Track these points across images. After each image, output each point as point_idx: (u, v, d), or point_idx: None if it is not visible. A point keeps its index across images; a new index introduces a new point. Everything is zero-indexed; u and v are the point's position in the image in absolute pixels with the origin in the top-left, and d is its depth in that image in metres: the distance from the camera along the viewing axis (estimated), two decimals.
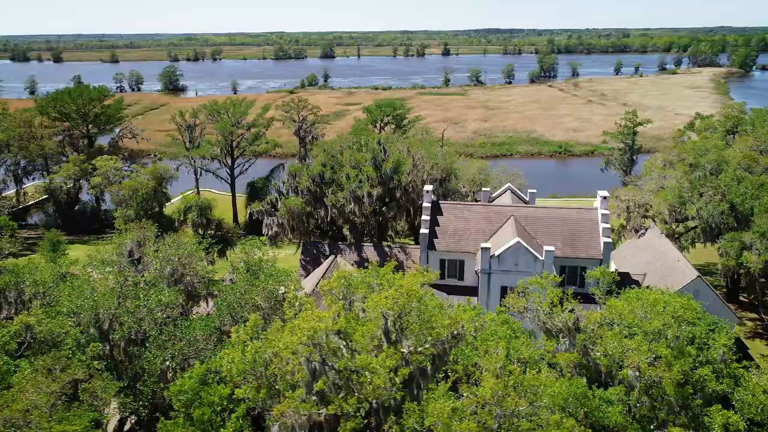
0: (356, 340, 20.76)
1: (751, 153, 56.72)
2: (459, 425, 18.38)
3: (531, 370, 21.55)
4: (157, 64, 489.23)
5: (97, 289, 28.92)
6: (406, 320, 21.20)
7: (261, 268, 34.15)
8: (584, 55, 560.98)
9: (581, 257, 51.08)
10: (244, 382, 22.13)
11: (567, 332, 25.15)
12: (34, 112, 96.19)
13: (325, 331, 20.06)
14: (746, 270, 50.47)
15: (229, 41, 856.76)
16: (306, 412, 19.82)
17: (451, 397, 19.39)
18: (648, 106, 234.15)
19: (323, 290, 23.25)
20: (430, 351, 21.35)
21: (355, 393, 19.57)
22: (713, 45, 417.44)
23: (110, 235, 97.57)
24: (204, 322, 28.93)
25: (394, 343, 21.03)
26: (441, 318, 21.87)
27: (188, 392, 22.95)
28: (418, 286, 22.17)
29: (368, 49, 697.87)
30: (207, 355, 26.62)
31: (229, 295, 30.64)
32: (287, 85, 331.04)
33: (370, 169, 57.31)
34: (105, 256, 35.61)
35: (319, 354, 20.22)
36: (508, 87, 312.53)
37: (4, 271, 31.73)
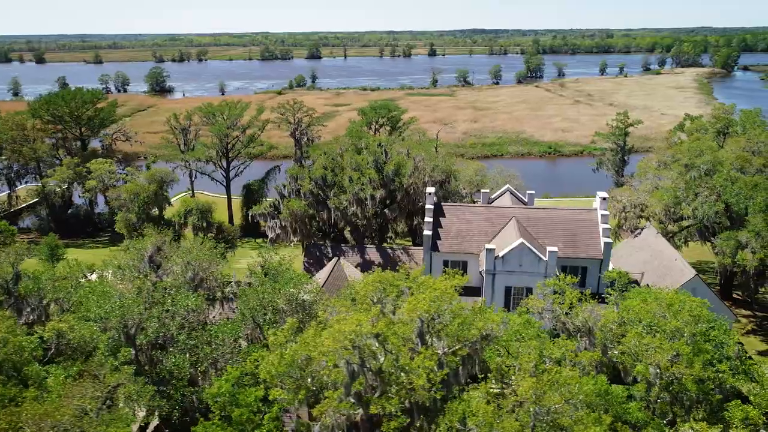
0: (392, 342, 21.30)
1: (743, 154, 58.12)
2: (501, 423, 19.02)
3: (563, 369, 22.29)
4: (142, 65, 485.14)
5: (125, 295, 29.10)
6: (439, 322, 21.81)
7: (280, 272, 34.50)
8: (569, 55, 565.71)
9: (582, 257, 52.07)
10: (281, 385, 22.56)
11: (586, 332, 25.93)
12: (26, 115, 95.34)
13: (366, 334, 20.58)
14: (742, 268, 51.73)
15: (214, 42, 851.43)
16: (345, 412, 20.33)
17: (491, 396, 20.07)
18: (634, 106, 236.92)
19: (359, 294, 23.76)
20: (465, 352, 22.00)
21: (391, 394, 20.08)
22: (696, 45, 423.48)
23: (105, 238, 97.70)
24: (230, 326, 29.25)
25: (428, 345, 21.64)
26: (474, 320, 22.52)
27: (225, 394, 23.33)
28: (453, 288, 22.82)
29: (354, 49, 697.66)
30: (234, 359, 26.94)
31: (251, 299, 30.96)
32: (275, 86, 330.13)
33: (373, 172, 57.83)
34: (123, 261, 35.72)
35: (358, 356, 20.75)
36: (495, 87, 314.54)
37: (23, 276, 31.73)
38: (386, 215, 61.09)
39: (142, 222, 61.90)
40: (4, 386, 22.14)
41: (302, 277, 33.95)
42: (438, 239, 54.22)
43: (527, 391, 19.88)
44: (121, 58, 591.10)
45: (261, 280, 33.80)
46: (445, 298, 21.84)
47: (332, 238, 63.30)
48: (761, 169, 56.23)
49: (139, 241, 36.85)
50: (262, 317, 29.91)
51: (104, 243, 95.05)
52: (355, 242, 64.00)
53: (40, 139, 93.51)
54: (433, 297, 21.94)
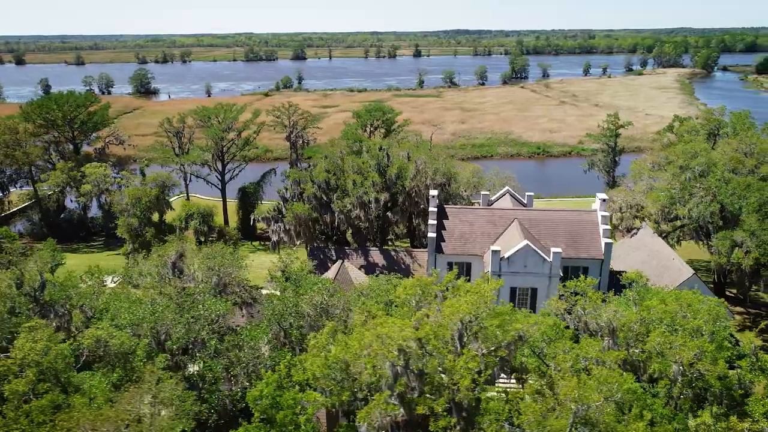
0: (433, 344, 22.00)
1: (736, 155, 59.77)
2: (548, 421, 19.81)
3: (601, 368, 23.21)
4: (125, 67, 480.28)
5: (156, 301, 29.37)
6: (476, 324, 22.52)
7: (302, 277, 34.98)
8: (552, 56, 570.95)
9: (583, 258, 53.20)
10: (323, 387, 23.09)
11: (610, 332, 26.88)
12: (18, 119, 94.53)
13: (410, 338, 21.25)
14: (737, 266, 53.24)
15: (197, 42, 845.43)
16: (392, 413, 20.96)
17: (535, 395, 20.90)
18: (619, 106, 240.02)
19: (399, 299, 24.44)
20: (504, 353, 22.79)
21: (427, 394, 20.78)
22: (676, 46, 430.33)
23: (99, 243, 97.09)
24: (260, 330, 29.67)
25: (466, 346, 22.37)
26: (511, 321, 23.30)
27: (267, 397, 23.80)
28: (492, 291, 23.61)
29: (339, 50, 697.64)
30: (265, 363, 27.36)
31: (277, 304, 31.39)
32: (261, 87, 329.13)
33: (376, 175, 58.50)
34: (145, 267, 35.96)
35: (403, 359, 21.41)
36: (481, 88, 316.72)
37: (48, 284, 31.86)
38: (388, 218, 61.78)
39: (144, 226, 61.88)
40: (51, 393, 22.38)
41: (326, 282, 34.49)
42: (442, 241, 55.03)
43: (571, 390, 20.73)
44: (103, 59, 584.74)
45: (283, 285, 34.25)
46: (484, 301, 22.62)
47: (334, 241, 63.83)
48: (753, 170, 57.91)
49: (161, 248, 37.01)
50: (288, 322, 30.37)
51: (99, 247, 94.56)
52: (356, 245, 64.60)
53: (32, 143, 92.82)
54: (473, 300, 22.70)
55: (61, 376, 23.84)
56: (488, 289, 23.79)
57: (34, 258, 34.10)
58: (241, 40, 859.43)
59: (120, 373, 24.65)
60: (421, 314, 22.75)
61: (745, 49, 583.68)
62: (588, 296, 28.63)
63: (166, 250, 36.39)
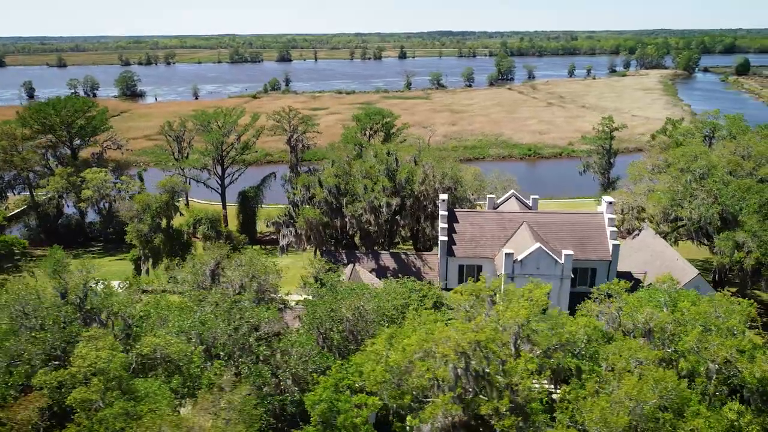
0: (490, 348, 22.86)
1: (735, 158, 61.60)
2: (614, 418, 20.78)
3: (654, 368, 24.26)
4: (108, 69, 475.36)
5: (203, 310, 29.83)
6: (529, 328, 23.47)
7: (337, 283, 35.61)
8: (536, 57, 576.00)
9: (592, 259, 54.51)
10: (382, 390, 23.81)
11: (646, 332, 27.98)
12: (14, 124, 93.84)
13: (472, 341, 22.11)
14: (739, 266, 54.93)
15: (180, 44, 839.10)
16: (454, 414, 21.80)
17: (600, 393, 21.90)
18: (605, 108, 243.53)
19: (454, 304, 25.31)
20: (559, 355, 23.74)
21: (482, 395, 21.67)
22: (659, 48, 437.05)
23: (98, 248, 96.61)
24: (308, 336, 30.25)
25: (519, 348, 23.33)
26: (563, 324, 24.28)
27: (326, 401, 24.43)
28: (545, 295, 24.57)
29: (324, 51, 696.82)
30: (309, 368, 27.95)
31: (318, 310, 31.99)
32: (248, 89, 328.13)
33: (386, 180, 59.30)
34: (180, 275, 36.33)
35: (464, 362, 22.27)
36: (469, 90, 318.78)
37: (90, 293, 32.09)
38: (397, 221, 62.65)
39: (154, 232, 62.07)
40: (120, 401, 22.76)
41: (363, 287, 35.18)
42: (453, 244, 56.00)
43: (632, 389, 21.77)
44: (85, 61, 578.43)
45: (319, 291, 34.87)
46: (539, 306, 23.61)
47: (343, 245, 64.51)
48: (752, 172, 59.76)
49: (196, 256, 37.33)
50: (325, 327, 31.00)
51: (99, 252, 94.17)
52: (364, 248, 65.35)
53: (31, 148, 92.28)
54: (529, 305, 23.66)
55: (123, 384, 24.24)
56: (541, 294, 24.75)
57: (78, 266, 34.32)
58: (225, 41, 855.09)
59: (179, 380, 25.10)
60: (480, 319, 23.65)
61: (724, 51, 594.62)
62: (623, 298, 29.76)
63: (206, 257, 36.71)
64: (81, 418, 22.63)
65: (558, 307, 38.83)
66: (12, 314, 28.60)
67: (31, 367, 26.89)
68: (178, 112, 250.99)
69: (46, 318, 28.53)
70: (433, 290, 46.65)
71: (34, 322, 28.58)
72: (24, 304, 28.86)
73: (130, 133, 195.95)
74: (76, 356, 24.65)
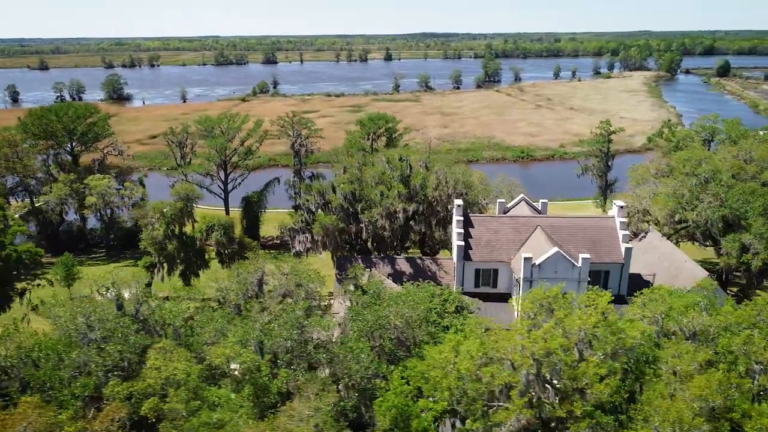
0: (557, 354, 23.84)
1: (737, 162, 63.54)
2: (689, 419, 21.85)
3: (714, 371, 25.42)
4: (91, 72, 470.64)
5: (262, 319, 30.36)
6: (591, 334, 24.51)
7: (379, 290, 36.38)
8: (521, 59, 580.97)
9: (605, 262, 55.88)
10: (451, 396, 24.69)
11: (691, 335, 29.20)
12: (14, 131, 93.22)
13: (544, 348, 23.08)
14: (746, 267, 56.72)
15: (164, 46, 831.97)
16: (525, 417, 22.73)
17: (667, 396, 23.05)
18: (593, 110, 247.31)
19: (521, 311, 26.25)
20: (624, 359, 24.82)
21: (545, 400, 22.68)
22: (641, 50, 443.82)
23: (100, 254, 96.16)
24: (363, 344, 30.89)
25: (582, 354, 24.34)
26: (625, 329, 25.36)
27: (396, 407, 25.18)
28: (608, 303, 25.65)
29: (310, 54, 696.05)
30: (367, 374, 28.65)
31: (368, 317, 32.70)
32: (236, 92, 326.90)
33: (401, 186, 60.20)
34: (225, 284, 36.77)
35: (535, 368, 23.23)
36: (457, 92, 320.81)
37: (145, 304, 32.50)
38: (411, 226, 63.58)
39: (168, 239, 62.31)
40: (205, 410, 23.32)
41: (410, 294, 35.97)
42: (470, 249, 57.04)
43: (701, 391, 22.89)
44: (67, 64, 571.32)
45: (361, 299, 35.61)
46: (604, 313, 24.69)
47: (357, 250, 65.24)
48: (755, 175, 61.69)
49: (241, 265, 37.83)
50: (378, 334, 31.75)
51: (102, 259, 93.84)
52: (376, 253, 66.13)
53: (32, 155, 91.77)
54: (594, 313, 24.71)
55: (200, 394, 24.76)
56: (604, 302, 25.85)
57: (134, 277, 34.68)
58: (209, 43, 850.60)
59: (250, 389, 25.65)
60: (548, 326, 24.67)
61: (703, 52, 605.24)
62: (668, 301, 30.99)
63: (253, 267, 37.16)
64: (167, 428, 23.12)
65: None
66: (77, 326, 28.92)
67: (97, 377, 27.30)
68: (167, 116, 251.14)
69: (115, 330, 28.91)
70: (453, 295, 47.61)
71: (99, 333, 28.94)
72: (87, 316, 29.22)
73: (120, 137, 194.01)
74: (150, 367, 25.14)
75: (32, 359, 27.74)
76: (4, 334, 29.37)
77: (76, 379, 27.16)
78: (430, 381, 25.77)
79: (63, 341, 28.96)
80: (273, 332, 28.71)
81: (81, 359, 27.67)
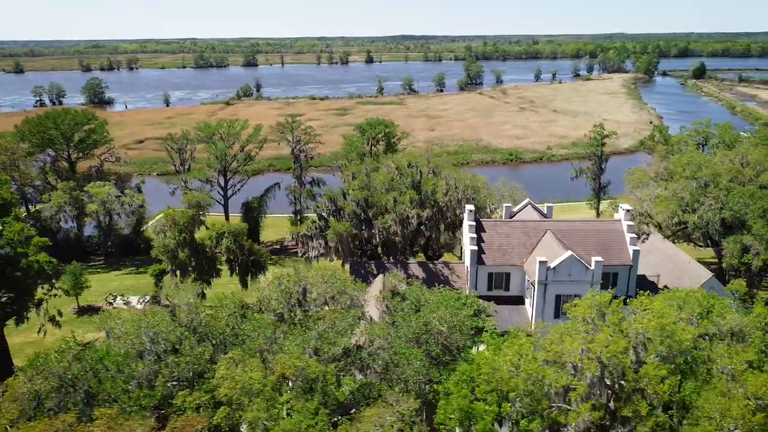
0: (616, 357, 25.05)
1: (735, 166, 65.91)
2: (749, 416, 23.18)
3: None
4: (69, 75, 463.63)
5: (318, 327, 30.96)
6: (647, 336, 25.76)
7: (419, 296, 37.28)
8: (500, 61, 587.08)
9: (614, 264, 57.52)
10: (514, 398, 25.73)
11: (730, 335, 30.67)
12: (11, 138, 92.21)
13: (612, 352, 24.26)
14: (747, 267, 58.92)
15: (141, 48, 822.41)
16: (592, 418, 23.85)
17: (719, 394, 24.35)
18: (576, 111, 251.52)
19: (577, 315, 27.45)
20: (680, 360, 26.09)
21: (598, 399, 23.87)
22: (619, 52, 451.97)
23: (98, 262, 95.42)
24: (416, 350, 31.71)
25: (639, 356, 25.58)
26: (680, 332, 26.63)
27: (462, 409, 26.05)
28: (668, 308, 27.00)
29: (290, 56, 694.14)
30: (418, 378, 29.52)
31: (414, 322, 33.56)
32: (219, 95, 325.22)
33: (413, 193, 61.26)
34: (265, 293, 37.28)
35: (600, 370, 24.35)
36: (441, 95, 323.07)
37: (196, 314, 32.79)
38: (422, 232, 64.67)
39: (180, 247, 62.45)
40: (286, 419, 23.91)
41: (453, 300, 36.92)
42: (482, 253, 58.29)
43: (760, 388, 24.29)
44: (43, 67, 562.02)
45: (401, 305, 36.46)
46: (662, 317, 25.96)
47: (368, 256, 66.12)
48: (752, 178, 64.10)
49: (284, 273, 38.30)
50: (425, 339, 32.65)
51: (102, 267, 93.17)
52: (387, 257, 67.09)
53: (30, 162, 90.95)
54: (652, 317, 25.99)
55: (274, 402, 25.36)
56: (664, 306, 27.14)
57: (186, 289, 35.03)
58: (187, 46, 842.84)
59: (318, 398, 26.26)
60: (609, 330, 25.87)
61: (678, 54, 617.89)
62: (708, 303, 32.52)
63: (298, 277, 37.59)
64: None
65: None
66: (143, 340, 29.26)
67: (164, 388, 27.71)
68: (152, 120, 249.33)
69: (183, 341, 29.32)
70: (471, 299, 48.81)
71: (164, 345, 29.35)
72: (152, 329, 29.54)
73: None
74: (222, 377, 25.64)
75: (94, 372, 28.03)
76: (67, 347, 29.64)
77: (141, 391, 27.56)
78: (492, 383, 26.80)
79: (126, 354, 29.27)
80: (330, 339, 29.43)
81: (146, 371, 28.11)
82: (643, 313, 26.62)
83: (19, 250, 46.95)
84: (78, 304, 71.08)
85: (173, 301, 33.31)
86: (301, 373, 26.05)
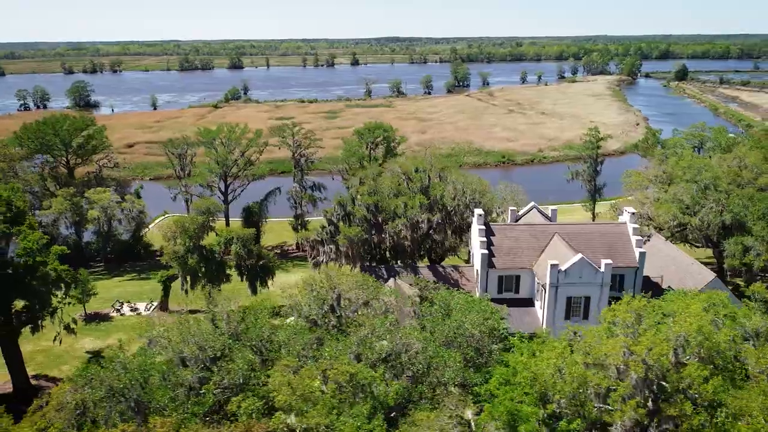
0: (660, 357, 26.01)
1: (734, 169, 67.75)
2: None
3: None
4: (51, 78, 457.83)
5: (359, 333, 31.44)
6: (686, 338, 26.75)
7: (448, 300, 38.01)
8: (485, 63, 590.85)
9: (620, 266, 58.84)
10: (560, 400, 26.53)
11: (756, 336, 31.89)
12: (9, 145, 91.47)
13: (657, 354, 25.17)
14: (748, 268, 60.64)
15: (123, 51, 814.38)
16: (637, 416, 24.75)
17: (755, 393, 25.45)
18: (563, 114, 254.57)
19: (611, 320, 28.44)
20: (719, 361, 27.14)
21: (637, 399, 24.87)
22: (603, 55, 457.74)
23: (98, 269, 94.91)
24: (454, 353, 32.40)
25: (679, 358, 26.55)
26: (716, 334, 27.68)
27: (509, 411, 26.76)
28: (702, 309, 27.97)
29: (275, 58, 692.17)
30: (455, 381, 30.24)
31: (445, 327, 34.26)
32: (206, 98, 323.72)
33: (423, 197, 62.10)
34: (299, 299, 37.69)
35: (644, 371, 25.29)
36: (429, 98, 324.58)
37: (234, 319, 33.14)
38: (431, 236, 65.53)
39: (189, 253, 62.66)
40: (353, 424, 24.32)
41: (478, 303, 37.71)
42: (493, 257, 59.28)
43: None
44: (24, 70, 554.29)
45: (430, 310, 37.19)
46: (699, 320, 27.00)
47: (377, 260, 66.80)
48: (751, 181, 65.98)
49: (318, 280, 38.67)
50: (458, 343, 33.39)
51: (102, 273, 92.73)
52: (394, 262, 67.81)
53: (28, 169, 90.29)
54: (691, 320, 27.00)
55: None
56: (698, 308, 28.19)
57: (224, 296, 35.33)
58: (170, 48, 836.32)
59: (370, 403, 26.81)
60: (651, 334, 26.84)
61: (660, 56, 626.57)
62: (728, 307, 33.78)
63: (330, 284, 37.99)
64: None
65: None
66: (191, 347, 29.59)
67: (212, 396, 28.08)
68: (140, 124, 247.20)
69: (233, 348, 29.71)
70: (483, 302, 49.74)
71: (211, 352, 29.73)
72: (198, 338, 29.92)
73: None
74: (279, 384, 26.04)
75: (140, 381, 28.34)
76: (115, 357, 29.91)
77: (189, 398, 27.94)
78: (536, 386, 27.66)
79: (170, 361, 29.66)
80: (371, 344, 30.05)
81: (194, 378, 28.51)
82: (684, 315, 27.71)
83: (39, 259, 46.89)
84: (85, 311, 70.76)
85: (214, 309, 33.72)
86: (352, 378, 26.64)
